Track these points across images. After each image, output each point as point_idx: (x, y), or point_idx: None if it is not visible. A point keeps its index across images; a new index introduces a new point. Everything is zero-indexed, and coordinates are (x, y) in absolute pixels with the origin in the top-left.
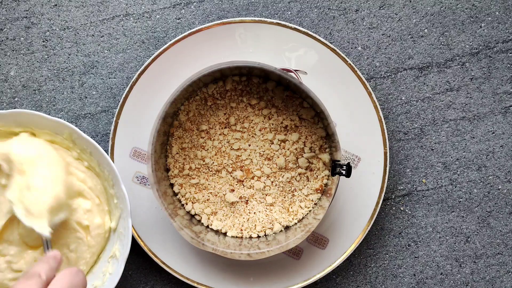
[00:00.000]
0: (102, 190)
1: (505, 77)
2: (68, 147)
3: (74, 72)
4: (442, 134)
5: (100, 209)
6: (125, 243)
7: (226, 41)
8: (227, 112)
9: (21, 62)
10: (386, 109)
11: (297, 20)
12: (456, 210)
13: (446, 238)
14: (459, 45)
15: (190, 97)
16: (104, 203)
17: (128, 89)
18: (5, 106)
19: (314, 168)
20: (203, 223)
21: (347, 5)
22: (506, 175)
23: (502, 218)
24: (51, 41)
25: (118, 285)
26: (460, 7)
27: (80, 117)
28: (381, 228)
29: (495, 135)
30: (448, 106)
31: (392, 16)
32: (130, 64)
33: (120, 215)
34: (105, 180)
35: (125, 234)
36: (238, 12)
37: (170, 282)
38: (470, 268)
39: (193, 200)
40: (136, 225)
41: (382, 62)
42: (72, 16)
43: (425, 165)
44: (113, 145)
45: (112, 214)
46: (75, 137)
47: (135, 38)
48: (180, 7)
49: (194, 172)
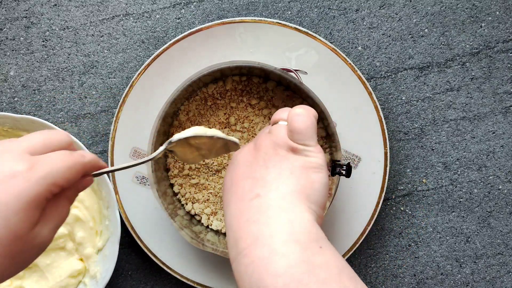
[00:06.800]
0: (97, 209)
1: (505, 77)
2: None
3: (74, 72)
4: (442, 134)
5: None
6: (108, 268)
7: (226, 41)
8: (227, 112)
9: (20, 62)
10: (386, 109)
11: (297, 20)
12: (457, 210)
13: (446, 238)
14: (460, 45)
15: (190, 97)
16: (98, 223)
17: (128, 89)
18: (5, 106)
19: None
20: (203, 223)
21: (347, 4)
22: (507, 175)
23: (502, 218)
24: (50, 41)
25: (118, 286)
26: (461, 7)
27: (80, 117)
28: (381, 228)
29: (496, 135)
30: (448, 106)
31: (392, 16)
32: (130, 64)
33: (108, 238)
34: (101, 200)
35: (110, 259)
36: (238, 12)
37: (170, 282)
38: (471, 268)
39: (193, 200)
40: (136, 225)
41: (383, 62)
42: (71, 16)
43: (426, 165)
44: (113, 145)
45: (102, 234)
46: None
47: (135, 38)
48: (180, 7)
49: (194, 172)
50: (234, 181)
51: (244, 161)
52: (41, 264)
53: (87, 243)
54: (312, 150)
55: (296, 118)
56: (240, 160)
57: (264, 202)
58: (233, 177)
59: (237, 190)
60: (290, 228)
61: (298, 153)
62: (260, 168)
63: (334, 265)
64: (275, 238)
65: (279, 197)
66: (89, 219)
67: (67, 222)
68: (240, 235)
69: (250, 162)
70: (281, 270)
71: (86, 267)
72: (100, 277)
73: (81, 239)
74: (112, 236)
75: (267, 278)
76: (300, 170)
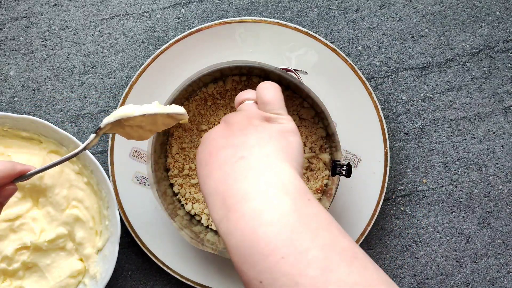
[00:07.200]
0: (97, 210)
1: (505, 77)
2: (71, 160)
3: (74, 72)
4: (442, 134)
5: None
6: (108, 268)
7: (226, 41)
8: (227, 112)
9: (20, 62)
10: (386, 109)
11: (297, 20)
12: (457, 210)
13: (446, 238)
14: (460, 45)
15: (190, 97)
16: (97, 224)
17: (128, 89)
18: (5, 106)
19: (315, 168)
20: (203, 223)
21: (347, 4)
22: (507, 175)
23: (502, 218)
24: (50, 41)
25: (118, 286)
26: (461, 7)
27: (80, 117)
28: (382, 228)
29: (496, 135)
30: (448, 106)
31: (392, 15)
32: (129, 64)
33: (108, 238)
34: (101, 200)
35: (110, 259)
36: (238, 11)
37: (170, 282)
38: (471, 269)
39: (193, 200)
40: (135, 225)
41: (383, 62)
42: (71, 15)
43: (426, 165)
44: (113, 145)
45: (102, 234)
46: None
47: (135, 37)
48: (180, 7)
49: (194, 172)
50: (213, 152)
51: (219, 135)
52: (41, 264)
53: (87, 243)
54: (285, 118)
55: (265, 91)
56: (215, 135)
57: (250, 161)
58: (211, 150)
59: (218, 158)
60: (279, 181)
61: (272, 121)
62: (238, 137)
63: (324, 217)
64: (266, 191)
65: (264, 156)
66: (89, 219)
67: (67, 222)
68: (229, 194)
69: (226, 135)
70: (274, 220)
71: (86, 267)
72: (100, 277)
73: (81, 239)
74: (112, 236)
75: (259, 228)
76: (278, 134)
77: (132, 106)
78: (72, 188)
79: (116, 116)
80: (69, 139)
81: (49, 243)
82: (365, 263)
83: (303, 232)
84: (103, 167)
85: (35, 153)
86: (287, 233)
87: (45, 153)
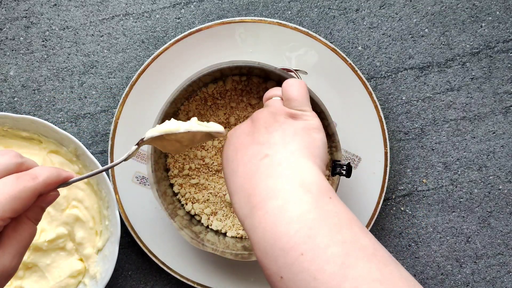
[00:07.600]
0: (97, 210)
1: (505, 77)
2: (71, 160)
3: (74, 72)
4: (442, 134)
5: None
6: (108, 268)
7: (226, 41)
8: (227, 112)
9: (20, 62)
10: (386, 109)
11: (297, 20)
12: (457, 210)
13: (446, 238)
14: (460, 45)
15: (190, 97)
16: (97, 223)
17: (128, 89)
18: (5, 106)
19: None
20: (203, 223)
21: (347, 4)
22: (507, 175)
23: (502, 218)
24: (50, 41)
25: (118, 286)
26: (461, 7)
27: (80, 117)
28: (382, 228)
29: (496, 135)
30: (448, 106)
31: (392, 15)
32: (129, 64)
33: (108, 238)
34: (101, 200)
35: (109, 259)
36: (238, 11)
37: (170, 282)
38: (471, 269)
39: (193, 200)
40: (135, 225)
41: (383, 62)
42: (71, 15)
43: (426, 165)
44: (113, 145)
45: (102, 234)
46: (80, 153)
47: (135, 37)
48: (180, 7)
49: (194, 172)
50: (239, 149)
51: (244, 133)
52: (41, 264)
53: (87, 243)
54: (309, 115)
55: (291, 88)
56: (240, 133)
57: (274, 159)
58: (237, 147)
59: (244, 156)
60: (302, 180)
61: (297, 118)
62: (263, 134)
63: (345, 214)
64: (288, 189)
65: (288, 154)
66: (89, 219)
67: (67, 222)
68: (254, 191)
69: (251, 132)
70: (295, 217)
71: (86, 267)
72: (100, 277)
73: (81, 239)
74: (112, 236)
75: (280, 226)
76: (302, 131)
77: (176, 122)
78: (72, 188)
79: (161, 131)
80: (69, 139)
81: (49, 243)
82: (385, 260)
83: (323, 229)
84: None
85: (35, 153)
86: (306, 230)
87: (45, 153)
